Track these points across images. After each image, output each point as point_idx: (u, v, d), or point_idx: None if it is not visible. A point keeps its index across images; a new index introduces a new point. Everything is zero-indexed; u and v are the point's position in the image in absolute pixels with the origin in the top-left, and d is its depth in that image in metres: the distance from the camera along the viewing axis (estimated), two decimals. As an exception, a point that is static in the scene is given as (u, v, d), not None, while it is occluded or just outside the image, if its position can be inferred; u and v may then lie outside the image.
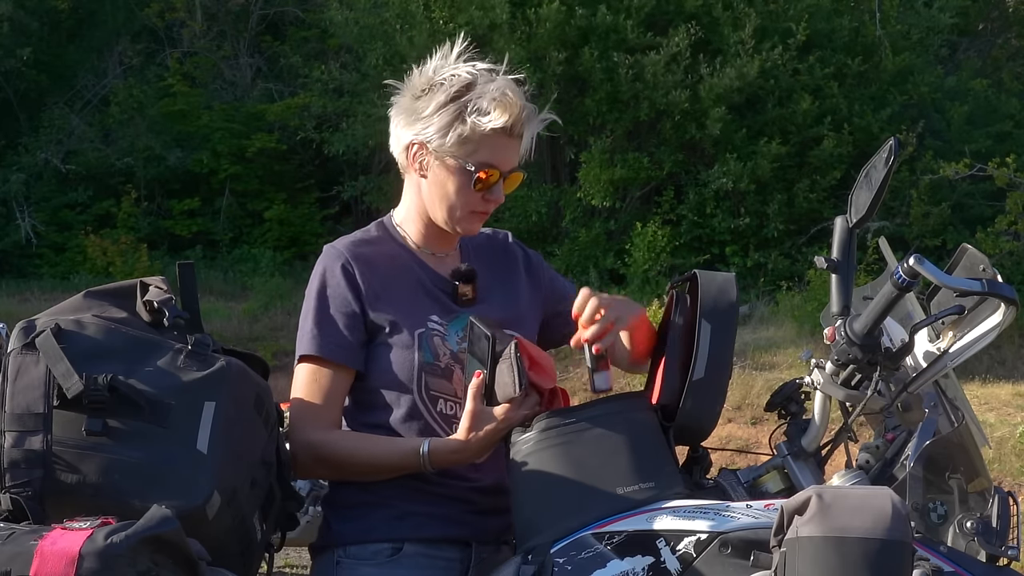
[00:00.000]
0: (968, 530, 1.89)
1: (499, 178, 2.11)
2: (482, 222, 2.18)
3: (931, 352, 2.09)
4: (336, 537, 2.13)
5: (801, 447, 2.06)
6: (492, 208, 2.15)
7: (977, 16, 14.71)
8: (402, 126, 2.13)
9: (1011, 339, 9.27)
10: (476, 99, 2.06)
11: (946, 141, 12.38)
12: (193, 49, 14.80)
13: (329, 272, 2.13)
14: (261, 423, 1.90)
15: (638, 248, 11.30)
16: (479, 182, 2.09)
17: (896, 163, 1.92)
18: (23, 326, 1.77)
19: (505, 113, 2.05)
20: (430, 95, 2.09)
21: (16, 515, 1.70)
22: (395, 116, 2.15)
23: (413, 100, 2.11)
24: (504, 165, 2.11)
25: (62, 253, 12.95)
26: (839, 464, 2.14)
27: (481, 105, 2.06)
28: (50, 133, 13.49)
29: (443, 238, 2.20)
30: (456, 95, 2.07)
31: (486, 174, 2.09)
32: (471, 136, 2.07)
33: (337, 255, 2.14)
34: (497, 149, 2.09)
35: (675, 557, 1.84)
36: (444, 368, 2.11)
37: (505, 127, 2.06)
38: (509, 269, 2.30)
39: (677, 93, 11.23)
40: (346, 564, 2.11)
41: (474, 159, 2.08)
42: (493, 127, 2.05)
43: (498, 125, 2.05)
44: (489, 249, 2.30)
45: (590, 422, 1.97)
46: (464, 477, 2.12)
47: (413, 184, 2.17)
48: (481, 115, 2.05)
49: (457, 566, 2.13)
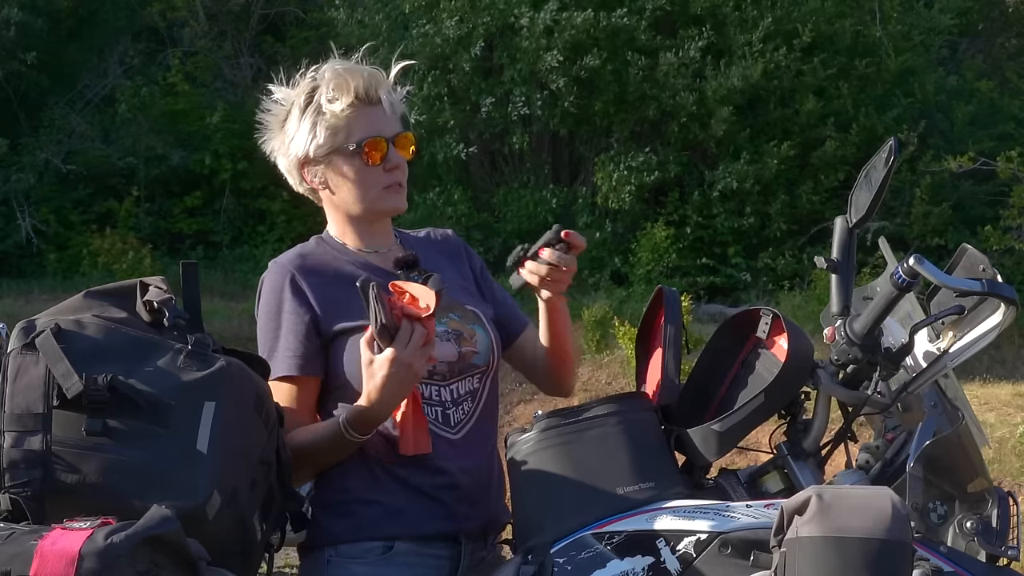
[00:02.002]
0: (968, 530, 1.89)
1: (387, 145, 2.14)
2: (401, 194, 2.19)
3: (931, 352, 2.09)
4: (326, 536, 2.13)
5: (801, 447, 2.06)
6: (400, 176, 2.18)
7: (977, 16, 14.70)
8: (282, 156, 2.20)
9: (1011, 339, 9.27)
10: (320, 93, 2.12)
11: (948, 141, 12.37)
12: (194, 49, 14.80)
13: (277, 289, 2.14)
14: (261, 423, 1.90)
15: (643, 249, 11.30)
16: (368, 155, 2.13)
17: (896, 163, 1.92)
18: (23, 326, 1.77)
19: (347, 89, 2.11)
20: (288, 116, 2.17)
21: (16, 515, 1.70)
22: (275, 155, 2.22)
23: (280, 131, 2.19)
24: (385, 131, 2.14)
25: (63, 253, 12.94)
26: (839, 464, 2.14)
27: (325, 95, 2.12)
28: (51, 133, 13.47)
29: (377, 231, 2.23)
30: (306, 101, 2.14)
31: (370, 145, 2.13)
32: (335, 124, 2.12)
33: (283, 271, 2.16)
34: (364, 122, 2.13)
35: (675, 557, 1.84)
36: None
37: (358, 98, 2.11)
38: (453, 256, 2.33)
39: (685, 95, 11.23)
40: (337, 563, 2.11)
41: (351, 140, 2.13)
42: (346, 104, 2.11)
43: (348, 101, 2.11)
44: (430, 241, 2.33)
45: (590, 422, 1.98)
46: (443, 470, 2.12)
47: (325, 198, 2.22)
48: (331, 103, 2.11)
49: (447, 563, 2.13)
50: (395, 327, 1.91)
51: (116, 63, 14.41)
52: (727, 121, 11.28)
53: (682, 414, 2.08)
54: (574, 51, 11.17)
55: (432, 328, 1.95)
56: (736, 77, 11.15)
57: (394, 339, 1.91)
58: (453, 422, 2.15)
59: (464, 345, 2.17)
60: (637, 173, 11.32)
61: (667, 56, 11.22)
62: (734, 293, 11.52)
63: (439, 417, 2.14)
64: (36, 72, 13.40)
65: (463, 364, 2.16)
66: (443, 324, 2.16)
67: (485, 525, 2.19)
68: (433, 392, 2.14)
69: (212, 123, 13.26)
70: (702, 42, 11.22)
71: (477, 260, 2.37)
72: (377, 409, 1.99)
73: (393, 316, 1.91)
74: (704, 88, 11.33)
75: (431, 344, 1.96)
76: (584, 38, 11.13)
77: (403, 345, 1.92)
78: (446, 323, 2.17)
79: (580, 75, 11.19)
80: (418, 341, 1.93)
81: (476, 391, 2.20)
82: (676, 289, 2.18)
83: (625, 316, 8.74)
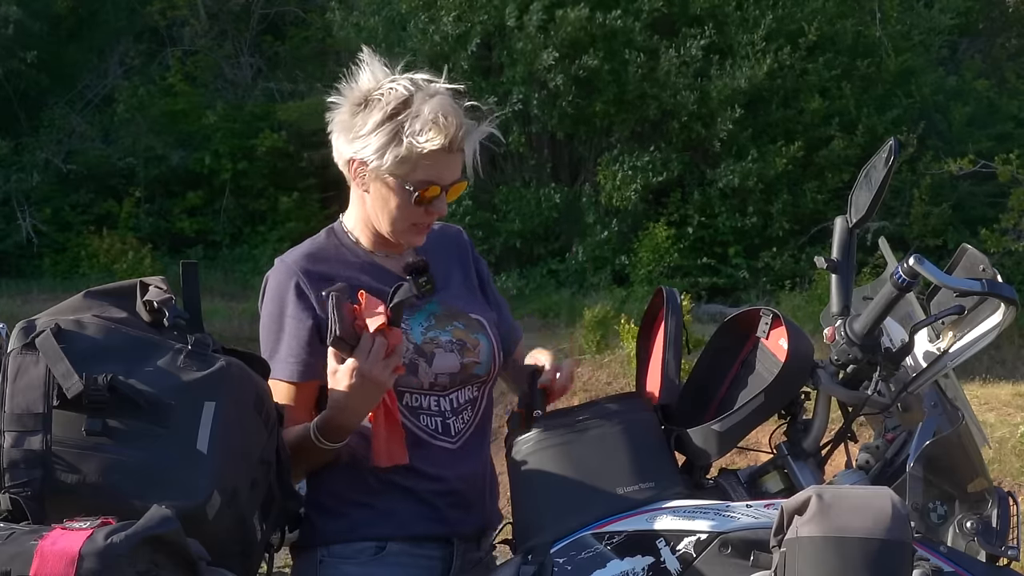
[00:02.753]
0: (968, 530, 1.89)
1: (440, 192, 2.09)
2: (425, 233, 2.16)
3: (931, 352, 2.09)
4: (319, 536, 2.12)
5: (801, 447, 2.06)
6: (434, 219, 2.15)
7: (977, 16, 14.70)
8: (342, 142, 2.11)
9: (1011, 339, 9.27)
10: (412, 119, 2.03)
11: (948, 141, 12.38)
12: (194, 48, 14.80)
13: (281, 292, 2.12)
14: (261, 423, 1.90)
15: (644, 248, 11.30)
16: (419, 199, 2.08)
17: (896, 163, 1.92)
18: (23, 326, 1.77)
19: (441, 134, 2.02)
20: (367, 111, 2.07)
21: (16, 515, 1.70)
22: (335, 129, 2.13)
23: (351, 115, 2.09)
24: (444, 180, 2.09)
25: (63, 253, 12.94)
26: (839, 464, 2.14)
27: (416, 126, 2.03)
28: (51, 133, 13.48)
29: (392, 243, 2.19)
30: (392, 113, 2.04)
31: (426, 192, 2.07)
32: (408, 156, 2.04)
33: (289, 272, 2.12)
34: (436, 167, 2.06)
35: (675, 557, 1.84)
36: (408, 363, 2.09)
37: (443, 147, 2.04)
38: (462, 258, 2.31)
39: (686, 95, 11.21)
40: (329, 563, 2.10)
41: (412, 178, 2.06)
42: (431, 148, 2.03)
43: (435, 146, 2.03)
44: (442, 238, 2.29)
45: (590, 422, 1.98)
46: (441, 478, 2.12)
47: (358, 196, 2.17)
48: (417, 136, 2.03)
49: (439, 564, 2.13)
50: (354, 338, 1.90)
51: (116, 63, 14.40)
52: (732, 121, 11.25)
53: (682, 414, 2.08)
54: (572, 47, 11.16)
55: (396, 339, 1.93)
56: (742, 79, 11.13)
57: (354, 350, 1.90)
58: (453, 432, 2.15)
59: (467, 356, 2.16)
60: (642, 172, 11.31)
61: (669, 54, 11.20)
62: (734, 293, 11.52)
63: (438, 427, 2.14)
64: (36, 72, 13.40)
65: (465, 375, 2.15)
66: (447, 334, 2.15)
67: (478, 528, 2.19)
68: (432, 402, 2.13)
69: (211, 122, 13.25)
70: (704, 41, 11.21)
71: (483, 265, 2.35)
72: (344, 417, 1.98)
73: (355, 327, 1.90)
74: (707, 88, 11.31)
75: (396, 355, 1.94)
76: (581, 35, 11.11)
77: (363, 356, 1.90)
78: (451, 332, 2.16)
79: (579, 74, 11.18)
80: (379, 353, 1.91)
81: (476, 399, 2.20)
82: (676, 289, 2.17)
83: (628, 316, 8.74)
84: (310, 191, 13.54)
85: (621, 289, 11.02)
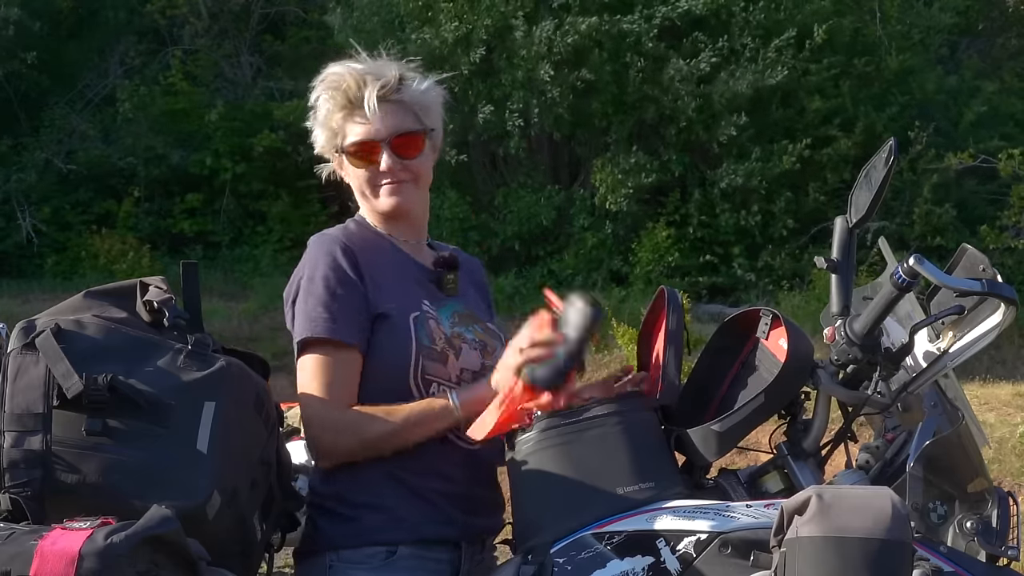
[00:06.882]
0: (968, 530, 1.89)
1: (378, 147, 2.14)
2: (398, 191, 2.19)
3: (931, 352, 2.09)
4: (327, 541, 2.10)
5: (801, 447, 2.06)
6: (396, 176, 2.17)
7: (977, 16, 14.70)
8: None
9: (1011, 339, 9.26)
10: (318, 93, 2.17)
11: (948, 140, 12.37)
12: (194, 47, 14.79)
13: (331, 255, 2.10)
14: (261, 423, 1.90)
15: (644, 248, 11.29)
16: (355, 158, 2.16)
17: (896, 163, 1.92)
18: (23, 326, 1.77)
19: (335, 94, 2.14)
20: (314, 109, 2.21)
21: (16, 515, 1.70)
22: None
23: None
24: (380, 135, 2.14)
25: (63, 253, 12.94)
26: (839, 464, 2.14)
27: (319, 98, 2.16)
28: (51, 133, 13.48)
29: (402, 223, 2.24)
30: (314, 99, 2.19)
31: (354, 148, 2.15)
32: (331, 127, 2.17)
33: (334, 240, 2.14)
34: (355, 125, 2.15)
35: (675, 557, 1.84)
36: (440, 352, 2.10)
37: (343, 104, 2.13)
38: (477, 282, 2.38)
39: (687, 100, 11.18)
40: (339, 568, 2.08)
41: (347, 145, 2.16)
42: (329, 107, 2.15)
43: (336, 106, 2.14)
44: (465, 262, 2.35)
45: (590, 422, 1.98)
46: (452, 479, 2.12)
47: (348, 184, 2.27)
48: (322, 107, 2.16)
49: (448, 567, 2.12)
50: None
51: (116, 63, 14.41)
52: (736, 125, 11.22)
53: (682, 414, 2.08)
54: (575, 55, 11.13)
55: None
56: (745, 84, 11.11)
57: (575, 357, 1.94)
58: None
59: (487, 358, 2.17)
60: (635, 174, 11.30)
61: (677, 63, 11.15)
62: (735, 293, 11.51)
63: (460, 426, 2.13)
64: (36, 72, 13.41)
65: (484, 375, 2.14)
66: (471, 332, 2.18)
67: (484, 530, 2.19)
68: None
69: (211, 121, 13.25)
70: (715, 56, 11.14)
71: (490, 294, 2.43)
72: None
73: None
74: (710, 93, 11.28)
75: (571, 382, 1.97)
76: (587, 43, 11.09)
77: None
78: (474, 332, 2.19)
79: (576, 84, 11.17)
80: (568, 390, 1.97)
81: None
82: (677, 290, 2.18)
83: (623, 316, 8.73)
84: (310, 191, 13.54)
85: (620, 289, 11.02)
